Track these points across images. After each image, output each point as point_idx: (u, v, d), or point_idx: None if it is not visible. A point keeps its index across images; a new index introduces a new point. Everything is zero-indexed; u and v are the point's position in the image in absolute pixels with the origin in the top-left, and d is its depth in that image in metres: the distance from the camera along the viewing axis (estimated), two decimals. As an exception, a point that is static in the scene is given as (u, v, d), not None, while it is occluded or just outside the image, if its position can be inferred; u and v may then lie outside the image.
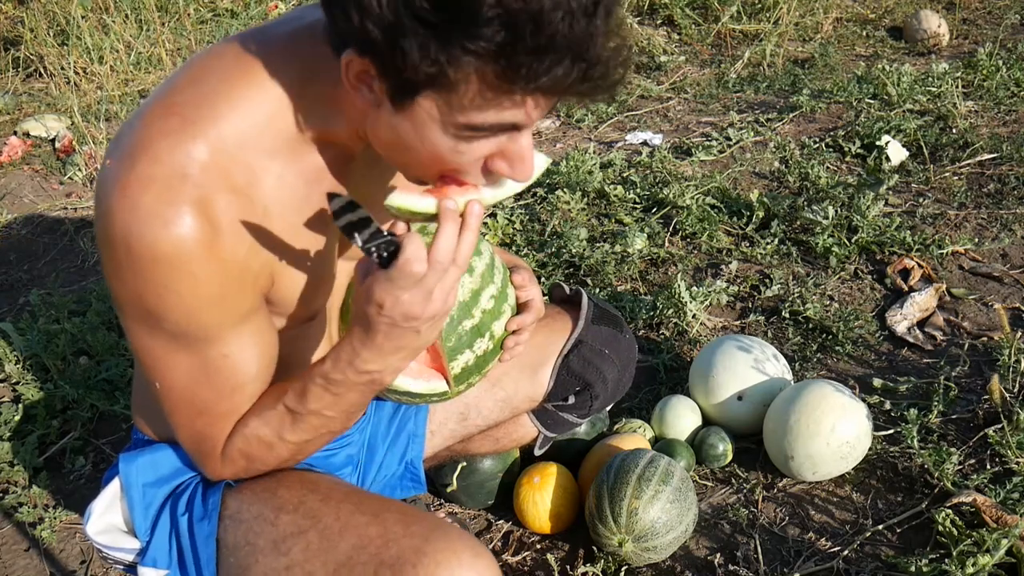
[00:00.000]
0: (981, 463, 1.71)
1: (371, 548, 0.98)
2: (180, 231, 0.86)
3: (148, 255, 0.87)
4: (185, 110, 0.89)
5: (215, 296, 0.91)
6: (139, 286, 0.89)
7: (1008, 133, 2.99)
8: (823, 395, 1.66)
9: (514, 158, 0.89)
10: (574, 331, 1.45)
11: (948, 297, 2.21)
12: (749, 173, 2.91)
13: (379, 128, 0.89)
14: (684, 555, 1.60)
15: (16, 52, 4.11)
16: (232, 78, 0.91)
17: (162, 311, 0.90)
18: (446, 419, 1.46)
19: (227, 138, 0.89)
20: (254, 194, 0.92)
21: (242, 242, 0.92)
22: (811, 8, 4.30)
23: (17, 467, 1.91)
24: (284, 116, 0.92)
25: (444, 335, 1.16)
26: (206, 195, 0.88)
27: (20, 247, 2.89)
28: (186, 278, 0.88)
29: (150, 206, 0.85)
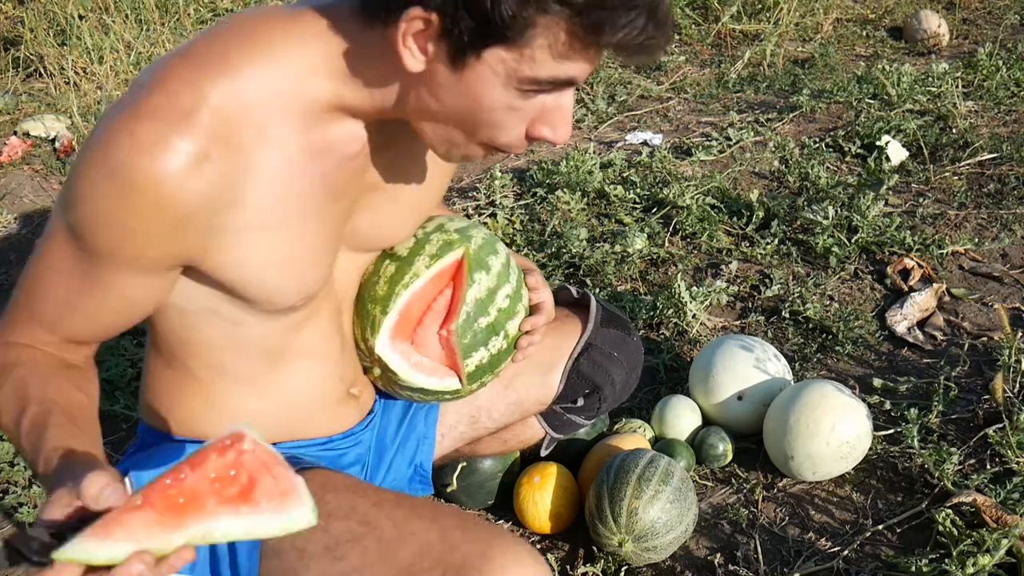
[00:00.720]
0: (981, 463, 1.71)
1: (434, 554, 0.97)
2: (157, 169, 0.84)
3: (105, 157, 0.85)
4: (203, 60, 0.88)
5: (134, 230, 0.88)
6: (80, 179, 0.88)
7: (1008, 133, 2.99)
8: (823, 395, 1.66)
9: (558, 118, 0.91)
10: (583, 334, 1.45)
11: (948, 297, 2.22)
12: (749, 173, 2.91)
13: (424, 96, 0.89)
14: (684, 555, 1.60)
15: (16, 52, 4.10)
16: (253, 38, 0.91)
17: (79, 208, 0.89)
18: (456, 422, 1.46)
19: (241, 92, 0.88)
20: (253, 154, 0.91)
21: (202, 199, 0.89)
22: (811, 8, 4.30)
23: (17, 467, 1.91)
24: (301, 83, 0.92)
25: (460, 332, 1.16)
26: (203, 142, 0.86)
27: (20, 247, 2.89)
28: (132, 210, 0.86)
29: (144, 134, 0.84)
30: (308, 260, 1.03)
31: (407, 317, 1.17)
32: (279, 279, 1.01)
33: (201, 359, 1.09)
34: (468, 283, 1.17)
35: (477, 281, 1.18)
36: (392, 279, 1.17)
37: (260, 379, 1.12)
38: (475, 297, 1.17)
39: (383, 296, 1.17)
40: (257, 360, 1.10)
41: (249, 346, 1.08)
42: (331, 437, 1.23)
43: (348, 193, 1.05)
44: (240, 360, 1.09)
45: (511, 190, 2.93)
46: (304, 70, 0.92)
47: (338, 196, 1.02)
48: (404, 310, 1.17)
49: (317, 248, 1.04)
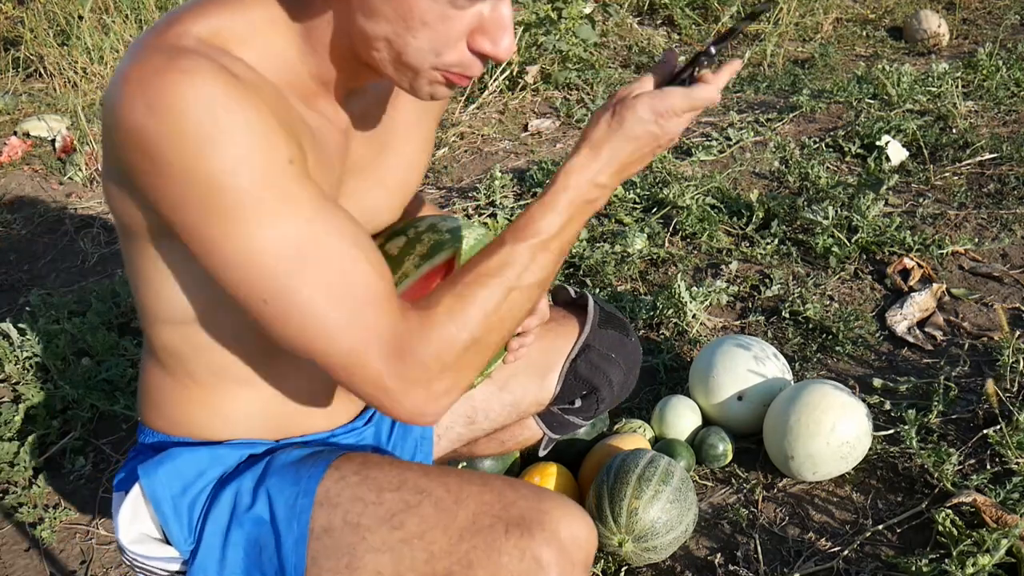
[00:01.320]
0: (981, 463, 1.71)
1: (493, 511, 0.99)
2: (198, 75, 0.80)
3: (177, 113, 0.79)
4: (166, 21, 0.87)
5: (265, 132, 0.83)
6: (181, 157, 0.80)
7: (1008, 133, 2.99)
8: (823, 395, 1.66)
9: (495, 29, 0.89)
10: (581, 335, 1.45)
11: (948, 297, 2.22)
12: (749, 173, 2.91)
13: (362, 24, 0.88)
14: (684, 555, 1.60)
15: (16, 52, 4.11)
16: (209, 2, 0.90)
17: (216, 171, 0.81)
18: (452, 423, 1.45)
19: (217, 30, 0.87)
20: (257, 85, 0.88)
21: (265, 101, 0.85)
22: (811, 8, 4.30)
23: (17, 467, 1.91)
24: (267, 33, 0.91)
25: None
26: (213, 55, 0.84)
27: (20, 247, 2.89)
28: (223, 118, 0.80)
29: (157, 67, 0.81)
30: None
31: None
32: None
33: (198, 362, 1.08)
34: None
35: None
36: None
37: (257, 378, 1.11)
38: None
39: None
40: (254, 360, 1.09)
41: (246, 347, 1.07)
42: (332, 431, 1.23)
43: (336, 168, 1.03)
44: (238, 361, 1.08)
45: (511, 190, 2.93)
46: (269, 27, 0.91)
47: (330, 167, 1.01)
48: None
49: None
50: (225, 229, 0.84)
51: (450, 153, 3.30)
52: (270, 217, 0.84)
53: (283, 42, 0.91)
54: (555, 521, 0.98)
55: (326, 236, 0.87)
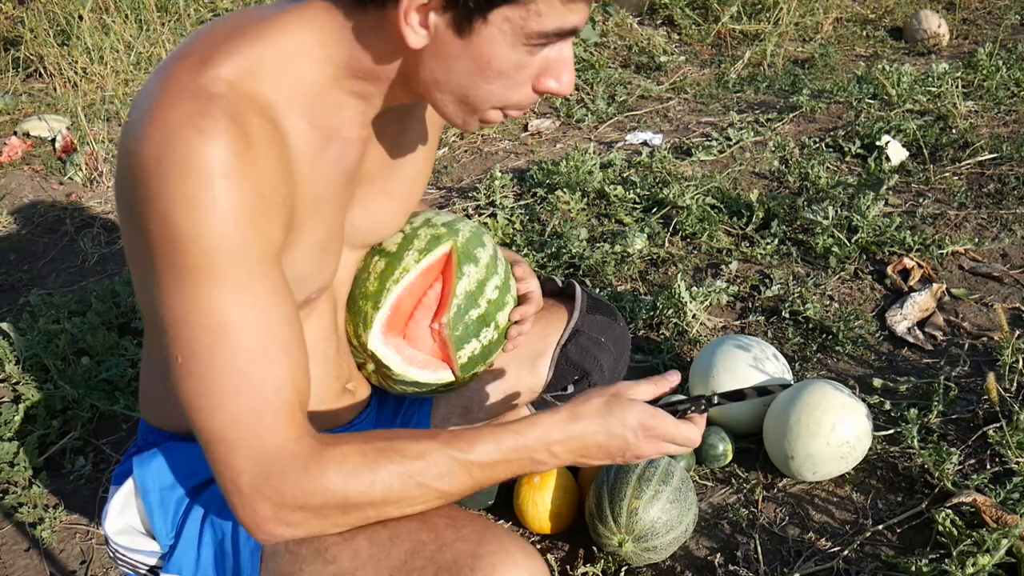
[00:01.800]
0: (981, 463, 1.71)
1: (426, 553, 0.96)
2: (213, 139, 0.82)
3: (179, 168, 0.82)
4: (202, 51, 0.89)
5: (246, 212, 0.85)
6: (174, 210, 0.83)
7: (1008, 133, 2.99)
8: (823, 395, 1.66)
9: (562, 69, 0.93)
10: (570, 321, 1.47)
11: (948, 297, 2.22)
12: (749, 173, 2.91)
13: (432, 69, 0.90)
14: (684, 555, 1.60)
15: (16, 52, 4.11)
16: (248, 25, 0.92)
17: (191, 234, 0.83)
18: (449, 414, 1.46)
19: (248, 67, 0.89)
20: (279, 128, 0.90)
21: (275, 165, 0.88)
22: (811, 8, 4.30)
23: (17, 467, 1.91)
24: (301, 64, 0.92)
25: (452, 324, 1.17)
26: (238, 110, 0.85)
27: (20, 247, 2.89)
28: (229, 186, 0.83)
29: (180, 119, 0.83)
30: (327, 250, 1.04)
31: (398, 312, 1.18)
32: (307, 267, 1.01)
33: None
34: (457, 276, 1.18)
35: (466, 274, 1.19)
36: (382, 275, 1.18)
37: None
38: (465, 290, 1.19)
39: (374, 292, 1.17)
40: None
41: None
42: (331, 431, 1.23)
43: (351, 182, 1.06)
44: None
45: (511, 190, 2.93)
46: (302, 56, 0.92)
47: (346, 184, 1.04)
48: (395, 305, 1.17)
49: (331, 237, 1.05)
50: (178, 281, 0.86)
51: (450, 153, 3.30)
52: (219, 292, 0.86)
53: (315, 72, 0.93)
54: (489, 568, 0.93)
55: (260, 330, 0.88)
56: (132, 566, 1.16)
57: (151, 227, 0.85)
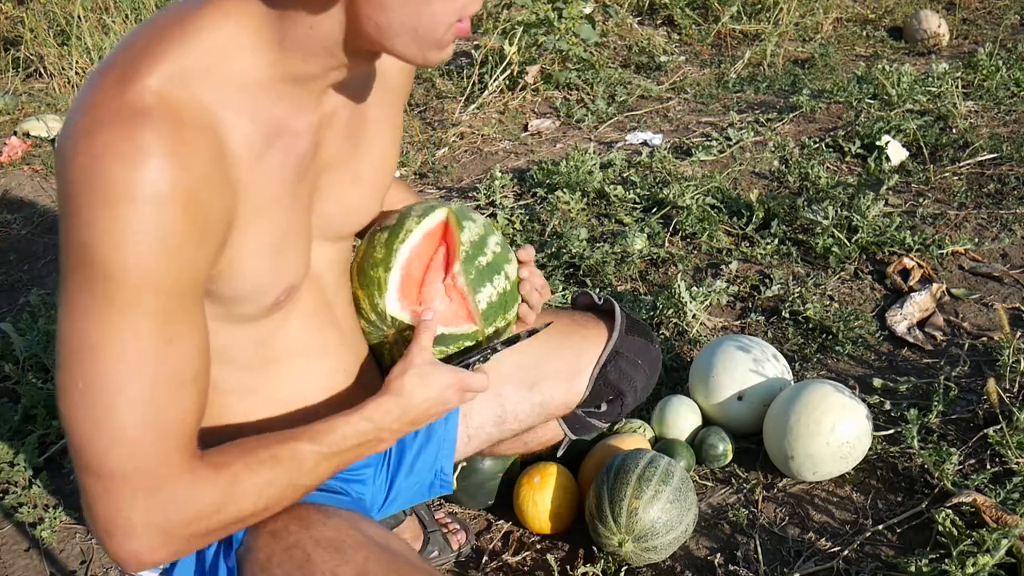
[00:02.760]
0: (981, 463, 1.71)
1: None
2: (140, 163, 0.79)
3: (101, 199, 0.79)
4: (124, 63, 0.84)
5: (174, 244, 0.82)
6: (93, 235, 0.80)
7: (1008, 133, 2.99)
8: (823, 395, 1.66)
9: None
10: (610, 341, 1.46)
11: (948, 297, 2.22)
12: (749, 173, 2.91)
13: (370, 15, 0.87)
14: (684, 555, 1.60)
15: (16, 52, 4.11)
16: (168, 28, 0.87)
17: (114, 266, 0.81)
18: (484, 423, 1.46)
19: (174, 74, 0.84)
20: (217, 136, 0.87)
21: (207, 180, 0.84)
22: (811, 8, 4.30)
23: (17, 467, 1.91)
24: (230, 59, 0.88)
25: (465, 270, 1.18)
26: (167, 127, 0.82)
27: (20, 247, 2.89)
28: (148, 217, 0.80)
29: (104, 146, 0.79)
30: (286, 248, 1.00)
31: (410, 275, 1.19)
32: (263, 269, 0.98)
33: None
34: (459, 230, 1.20)
35: (467, 228, 1.21)
36: (387, 242, 1.19)
37: (258, 386, 1.10)
38: (470, 239, 1.21)
39: (383, 257, 1.18)
40: (249, 368, 1.09)
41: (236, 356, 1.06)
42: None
43: (310, 172, 1.02)
44: (232, 371, 1.07)
45: (511, 190, 2.93)
46: (231, 48, 0.88)
47: (300, 177, 1.00)
48: (406, 267, 1.18)
49: (292, 236, 1.01)
50: (93, 309, 0.83)
51: (450, 153, 3.30)
52: (135, 324, 0.83)
53: (248, 64, 0.89)
54: None
55: (175, 362, 0.87)
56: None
57: (72, 252, 0.82)
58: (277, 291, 1.02)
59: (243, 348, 1.06)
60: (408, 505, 1.40)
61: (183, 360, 0.88)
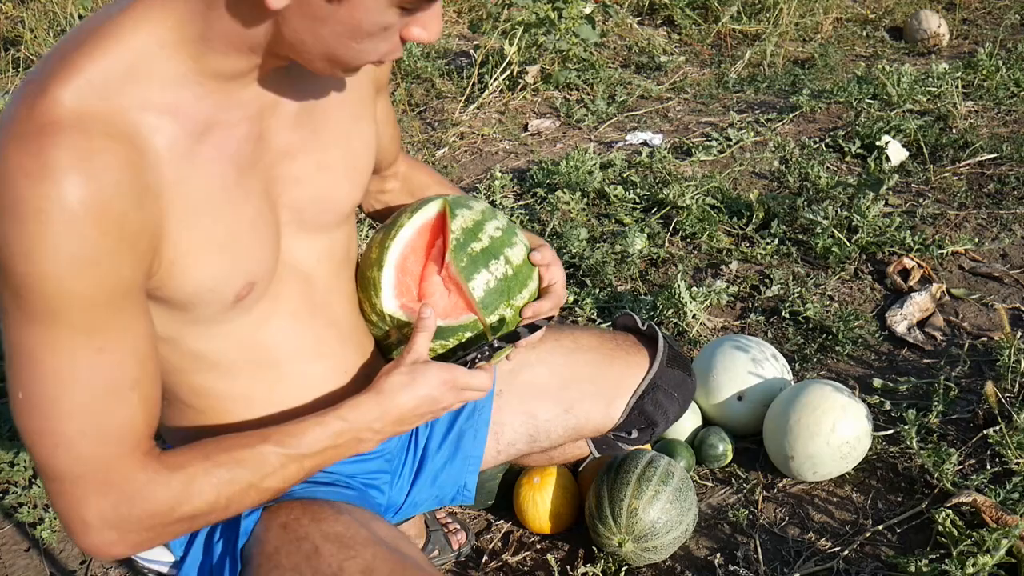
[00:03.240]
0: (981, 463, 1.71)
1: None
2: (50, 181, 0.78)
3: (11, 216, 0.79)
4: (40, 75, 0.84)
5: (89, 258, 0.82)
6: (6, 255, 0.80)
7: (1008, 133, 2.99)
8: (823, 395, 1.66)
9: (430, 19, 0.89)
10: (650, 371, 1.44)
11: (948, 297, 2.22)
12: (749, 173, 2.92)
13: (296, 29, 0.85)
14: (684, 555, 1.60)
15: (16, 52, 4.11)
16: (88, 34, 0.86)
17: (31, 281, 0.81)
18: (515, 439, 1.44)
19: (92, 83, 0.83)
20: (131, 143, 0.85)
21: (121, 194, 0.83)
22: (811, 8, 4.30)
23: (17, 467, 1.91)
24: (150, 60, 0.87)
25: (456, 259, 1.16)
26: (78, 141, 0.81)
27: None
28: (60, 234, 0.80)
29: (18, 158, 0.79)
30: (235, 244, 0.98)
31: (406, 271, 1.17)
32: (209, 270, 0.96)
33: (187, 390, 1.06)
34: (451, 218, 1.19)
35: (459, 215, 1.20)
36: (381, 241, 1.19)
37: (253, 392, 1.09)
38: (461, 227, 1.19)
39: (376, 257, 1.18)
40: (238, 374, 1.07)
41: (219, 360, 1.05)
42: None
43: (256, 165, 0.99)
44: (218, 377, 1.06)
45: (511, 190, 2.93)
46: (151, 47, 0.86)
47: (244, 169, 0.97)
48: (400, 264, 1.17)
49: (241, 231, 0.98)
50: (23, 322, 0.84)
51: (450, 153, 3.30)
52: (64, 337, 0.84)
53: (171, 63, 0.88)
54: None
55: (108, 370, 0.87)
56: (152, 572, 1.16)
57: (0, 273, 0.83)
58: (236, 287, 0.99)
59: (224, 352, 1.05)
60: (426, 510, 1.40)
61: (117, 368, 0.88)
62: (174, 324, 0.98)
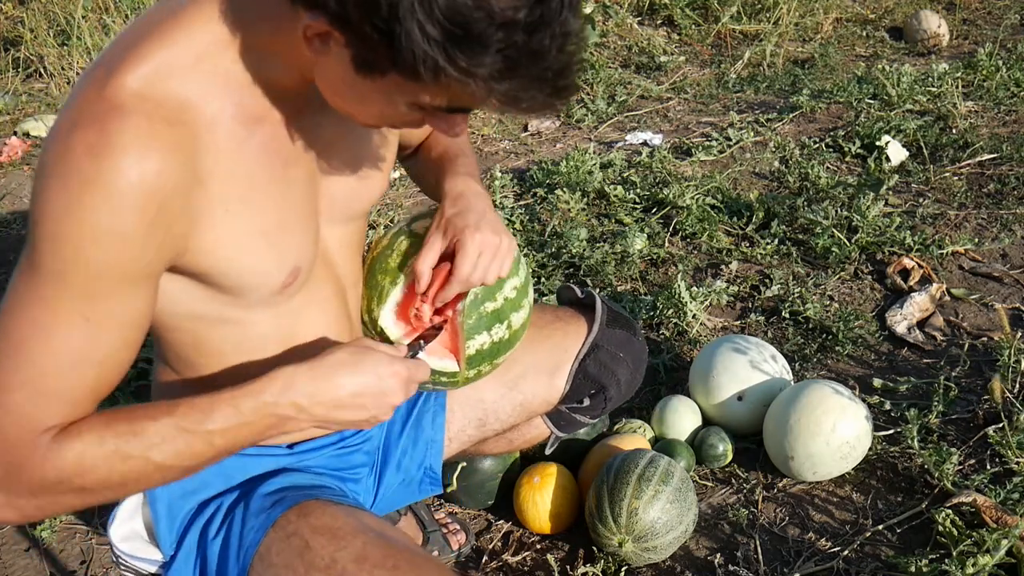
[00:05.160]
0: (981, 463, 1.71)
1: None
2: (104, 156, 0.83)
3: (64, 175, 0.84)
4: (110, 61, 0.88)
5: (117, 235, 0.86)
6: (45, 207, 0.85)
7: (1008, 133, 2.99)
8: (823, 395, 1.66)
9: (452, 124, 0.92)
10: (590, 334, 1.45)
11: (948, 297, 2.22)
12: (749, 173, 2.91)
13: (331, 78, 0.90)
14: (684, 555, 1.60)
15: (16, 52, 4.11)
16: (156, 25, 0.91)
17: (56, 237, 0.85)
18: (465, 426, 1.45)
19: (157, 72, 0.88)
20: (195, 130, 0.90)
21: (167, 181, 0.87)
22: (811, 8, 4.30)
23: (17, 467, 1.91)
24: (214, 56, 0.91)
25: (466, 312, 1.16)
26: (140, 124, 0.85)
27: (20, 247, 2.89)
28: (96, 202, 0.84)
29: (80, 134, 0.84)
30: (282, 232, 1.02)
31: (414, 291, 1.18)
32: (256, 256, 0.99)
33: (212, 368, 1.08)
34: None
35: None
36: (405, 253, 1.18)
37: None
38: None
39: (394, 268, 1.18)
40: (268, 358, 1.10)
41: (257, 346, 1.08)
42: (342, 433, 1.23)
43: (302, 157, 1.03)
44: (252, 362, 1.08)
45: (511, 190, 2.93)
46: (217, 45, 0.91)
47: (289, 162, 1.01)
48: (412, 285, 1.17)
49: (287, 220, 1.02)
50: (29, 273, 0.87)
51: (450, 153, 3.30)
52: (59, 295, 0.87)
53: (230, 62, 0.92)
54: None
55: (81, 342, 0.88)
56: (135, 572, 1.17)
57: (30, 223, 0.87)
58: (282, 274, 1.03)
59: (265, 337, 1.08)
60: (401, 505, 1.40)
61: (92, 341, 0.89)
62: (219, 306, 1.02)
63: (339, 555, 1.02)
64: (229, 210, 0.95)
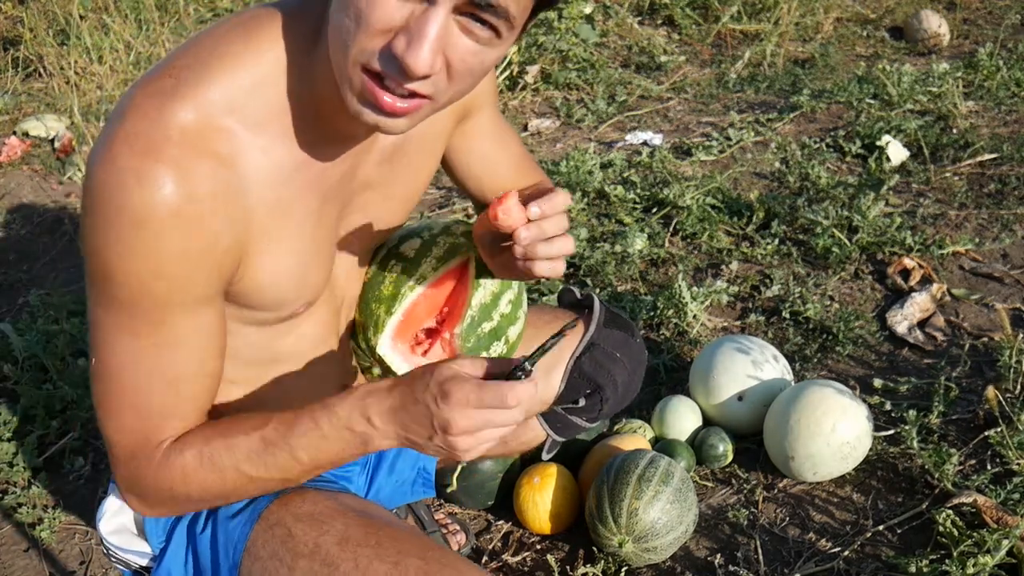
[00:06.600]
0: (982, 464, 1.71)
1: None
2: (152, 190, 0.84)
3: (116, 211, 0.85)
4: (179, 71, 0.88)
5: (175, 266, 0.89)
6: (103, 243, 0.87)
7: (1008, 133, 2.99)
8: (823, 395, 1.66)
9: (416, 33, 0.80)
10: (586, 333, 1.44)
11: (948, 297, 2.21)
12: (749, 173, 2.91)
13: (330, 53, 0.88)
14: (684, 556, 1.60)
15: (16, 52, 4.10)
16: (230, 39, 0.90)
17: (119, 274, 0.88)
18: None
19: (214, 102, 0.88)
20: (237, 165, 0.90)
21: (215, 213, 0.89)
22: (811, 8, 4.30)
23: (17, 467, 1.90)
24: (275, 82, 0.91)
25: (464, 336, 1.16)
26: (186, 158, 0.86)
27: (20, 247, 2.89)
28: (149, 240, 0.86)
29: (128, 162, 0.84)
30: (310, 266, 1.03)
31: (411, 317, 1.17)
32: (286, 287, 1.01)
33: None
34: (473, 288, 1.17)
35: (482, 285, 1.18)
36: (397, 280, 1.17)
37: (256, 381, 1.12)
38: (480, 302, 1.17)
39: (388, 296, 1.17)
40: (253, 365, 1.10)
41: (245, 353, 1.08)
42: None
43: (340, 194, 1.04)
44: (236, 366, 1.08)
45: (511, 190, 2.92)
46: (278, 71, 0.90)
47: (329, 198, 1.02)
48: (408, 311, 1.17)
49: (317, 253, 1.04)
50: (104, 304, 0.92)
51: (450, 153, 3.30)
52: (134, 326, 0.92)
53: (294, 81, 0.92)
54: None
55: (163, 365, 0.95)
56: (124, 564, 1.17)
57: (87, 252, 0.90)
58: (297, 305, 1.06)
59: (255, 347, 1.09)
60: (394, 506, 1.40)
61: (168, 362, 0.95)
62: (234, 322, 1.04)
63: (322, 540, 1.02)
64: (268, 245, 0.97)
